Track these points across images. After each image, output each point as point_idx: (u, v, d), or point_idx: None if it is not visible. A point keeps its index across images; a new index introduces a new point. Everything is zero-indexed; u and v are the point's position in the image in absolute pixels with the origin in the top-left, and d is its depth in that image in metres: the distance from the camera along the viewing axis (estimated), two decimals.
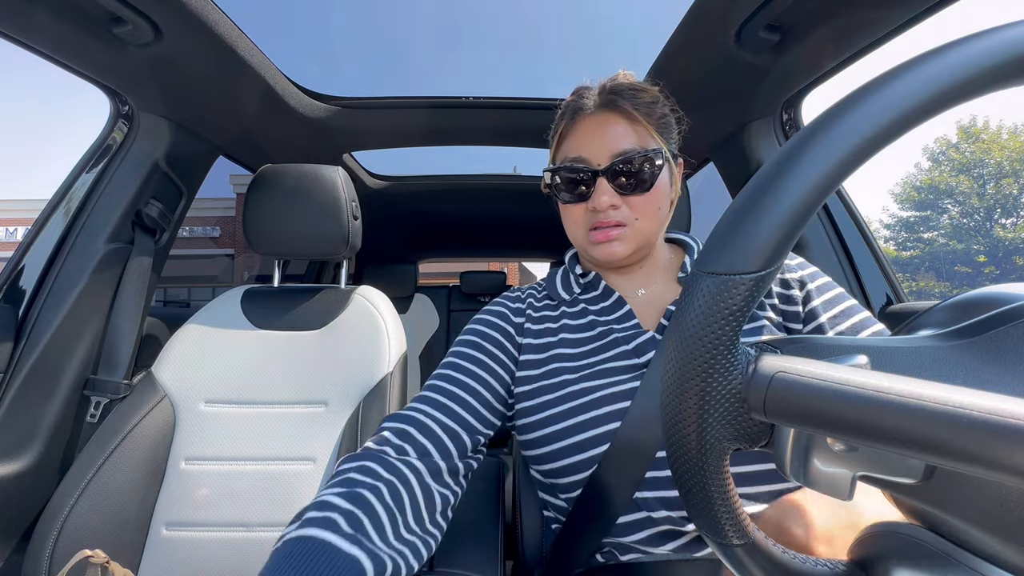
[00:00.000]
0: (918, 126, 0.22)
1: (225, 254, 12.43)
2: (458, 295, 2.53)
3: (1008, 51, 0.21)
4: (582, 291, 0.69)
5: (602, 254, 0.62)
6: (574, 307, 0.67)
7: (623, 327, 0.62)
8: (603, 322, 0.63)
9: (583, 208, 0.62)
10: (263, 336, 0.97)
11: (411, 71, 28.98)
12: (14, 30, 0.77)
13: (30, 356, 0.86)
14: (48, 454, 0.87)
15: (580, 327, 0.64)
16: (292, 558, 0.41)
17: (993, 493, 0.21)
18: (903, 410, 0.19)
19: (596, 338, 0.62)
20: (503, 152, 1.61)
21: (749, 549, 0.26)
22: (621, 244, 0.61)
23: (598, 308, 0.65)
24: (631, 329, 0.61)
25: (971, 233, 19.51)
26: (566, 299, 0.68)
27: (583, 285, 0.69)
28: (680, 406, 0.25)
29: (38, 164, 73.96)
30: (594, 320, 0.64)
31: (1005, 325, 0.24)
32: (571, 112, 0.63)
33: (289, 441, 0.89)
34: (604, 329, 0.63)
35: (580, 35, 31.40)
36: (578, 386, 0.58)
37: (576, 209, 0.63)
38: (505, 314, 0.68)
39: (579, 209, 0.62)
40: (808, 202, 0.23)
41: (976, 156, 19.47)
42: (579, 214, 0.62)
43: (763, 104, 1.07)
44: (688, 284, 0.25)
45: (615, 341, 0.61)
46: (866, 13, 0.78)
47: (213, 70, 0.95)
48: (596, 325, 0.64)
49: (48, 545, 0.74)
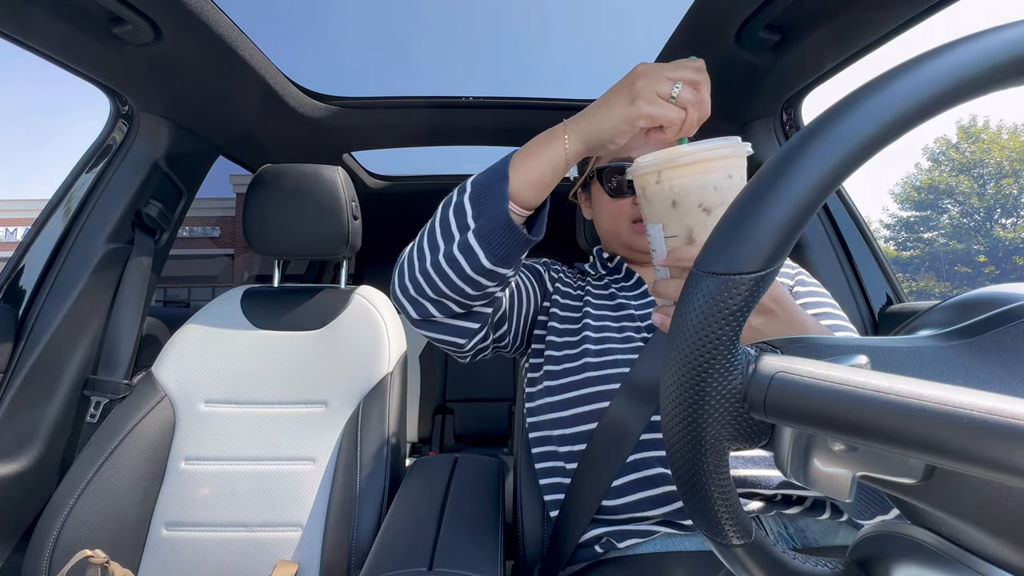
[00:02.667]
0: (918, 126, 0.22)
1: (225, 254, 12.43)
2: None
3: (1008, 51, 0.21)
4: (608, 273, 0.79)
5: (644, 242, 0.68)
6: (600, 281, 0.77)
7: (639, 303, 0.70)
8: (623, 296, 0.73)
9: (629, 202, 0.70)
10: (263, 336, 0.97)
11: (411, 71, 29.06)
12: (14, 30, 0.77)
13: (30, 356, 0.86)
14: (48, 454, 0.87)
15: (603, 296, 0.74)
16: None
17: (993, 493, 0.21)
18: (903, 410, 0.19)
19: (615, 308, 0.71)
20: (503, 152, 1.61)
21: (749, 549, 0.26)
22: None
23: (619, 286, 0.75)
24: (648, 307, 0.70)
25: (971, 233, 19.52)
26: (592, 274, 0.79)
27: (609, 269, 0.79)
28: (680, 406, 0.25)
29: (38, 164, 74.04)
30: (614, 293, 0.74)
31: (1005, 325, 0.24)
32: None
33: (289, 441, 0.89)
34: (623, 302, 0.71)
35: (580, 35, 31.69)
36: (600, 346, 0.66)
37: (622, 203, 0.71)
38: (541, 266, 0.79)
39: (625, 203, 0.70)
40: (808, 202, 0.23)
41: (976, 156, 19.47)
42: (624, 207, 0.71)
43: (763, 104, 1.07)
44: (688, 284, 0.25)
45: (630, 315, 0.69)
46: (866, 13, 0.78)
47: (213, 70, 0.95)
48: (616, 297, 0.73)
49: (48, 545, 0.74)
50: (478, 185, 0.55)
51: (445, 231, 0.55)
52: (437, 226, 0.56)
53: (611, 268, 0.78)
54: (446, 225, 0.55)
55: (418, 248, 0.57)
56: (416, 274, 0.56)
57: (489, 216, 0.52)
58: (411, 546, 0.59)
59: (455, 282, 0.54)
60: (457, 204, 0.55)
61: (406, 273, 0.57)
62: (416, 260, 0.56)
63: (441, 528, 0.63)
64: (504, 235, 0.52)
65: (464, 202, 0.55)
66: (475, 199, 0.54)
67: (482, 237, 0.52)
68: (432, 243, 0.56)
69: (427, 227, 0.58)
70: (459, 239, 0.53)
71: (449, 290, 0.55)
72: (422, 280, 0.56)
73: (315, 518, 0.84)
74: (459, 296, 0.56)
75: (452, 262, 0.53)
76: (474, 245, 0.52)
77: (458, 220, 0.54)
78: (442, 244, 0.55)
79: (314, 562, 0.81)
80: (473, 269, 0.53)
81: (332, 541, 0.80)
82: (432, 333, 0.61)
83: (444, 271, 0.54)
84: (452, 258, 0.53)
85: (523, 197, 0.53)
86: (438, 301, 0.57)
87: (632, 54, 1.22)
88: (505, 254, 0.53)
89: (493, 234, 0.52)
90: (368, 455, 0.84)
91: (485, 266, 0.53)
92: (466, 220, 0.54)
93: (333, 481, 0.85)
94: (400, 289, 0.58)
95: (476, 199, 0.54)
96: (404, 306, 0.59)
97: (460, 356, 0.66)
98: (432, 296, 0.56)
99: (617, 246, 0.76)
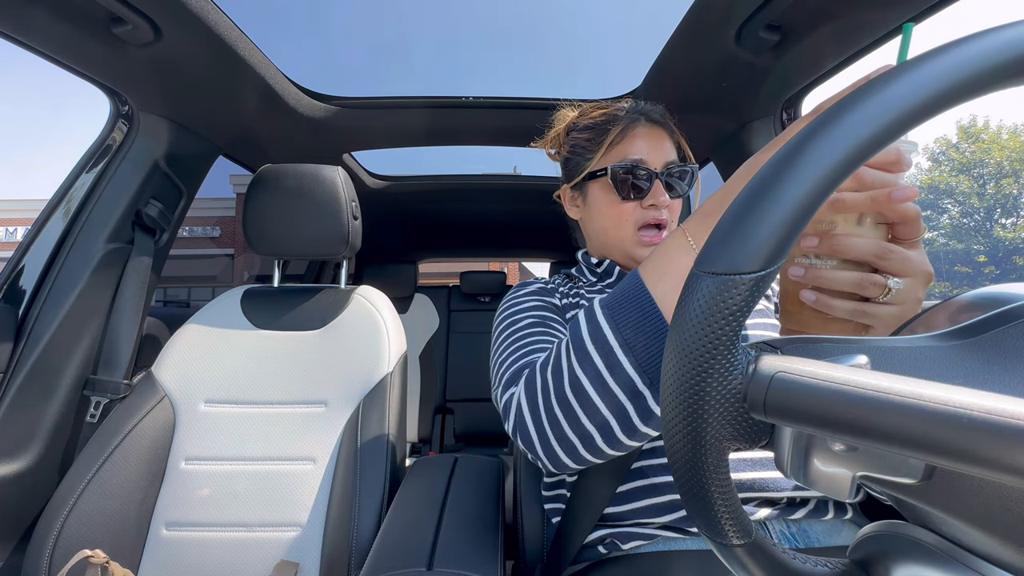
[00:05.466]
0: (918, 126, 0.22)
1: (225, 254, 12.43)
2: (458, 295, 2.53)
3: (1008, 51, 0.21)
4: (599, 279, 0.76)
5: (646, 252, 0.69)
6: (593, 288, 0.75)
7: None
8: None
9: (635, 205, 0.69)
10: (263, 336, 0.97)
11: (411, 71, 29.04)
12: (14, 30, 0.77)
13: (30, 356, 0.86)
14: (48, 454, 0.87)
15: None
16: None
17: (993, 493, 0.21)
18: (903, 410, 0.19)
19: None
20: (503, 152, 1.61)
21: (749, 549, 0.26)
22: None
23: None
24: None
25: (971, 233, 19.51)
26: (584, 281, 0.77)
27: (599, 274, 0.76)
28: (680, 406, 0.25)
29: (37, 164, 73.97)
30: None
31: (1005, 325, 0.24)
32: (626, 121, 0.70)
33: (289, 441, 0.89)
34: None
35: (580, 35, 31.74)
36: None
37: (628, 206, 0.69)
38: (544, 291, 0.74)
39: (631, 206, 0.69)
40: (808, 202, 0.23)
41: (976, 156, 19.47)
42: (630, 211, 0.69)
43: (763, 104, 1.08)
44: (688, 284, 0.25)
45: None
46: (866, 13, 0.78)
47: (213, 70, 0.95)
48: None
49: (48, 545, 0.74)
50: (639, 351, 0.43)
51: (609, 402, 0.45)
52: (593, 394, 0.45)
53: (601, 273, 0.76)
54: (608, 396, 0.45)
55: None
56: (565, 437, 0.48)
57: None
58: (411, 546, 0.59)
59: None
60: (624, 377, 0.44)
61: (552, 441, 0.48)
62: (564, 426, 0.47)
63: (441, 528, 0.63)
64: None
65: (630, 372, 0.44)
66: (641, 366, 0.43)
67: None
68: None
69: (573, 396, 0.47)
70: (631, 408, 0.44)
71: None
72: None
73: (315, 518, 0.84)
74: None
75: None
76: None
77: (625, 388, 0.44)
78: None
79: (314, 562, 0.81)
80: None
81: (332, 541, 0.80)
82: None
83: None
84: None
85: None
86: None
87: (633, 54, 1.23)
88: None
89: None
90: (368, 455, 0.84)
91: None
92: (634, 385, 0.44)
93: (333, 481, 0.85)
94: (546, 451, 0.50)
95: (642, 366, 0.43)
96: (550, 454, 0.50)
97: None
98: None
99: (616, 252, 0.73)
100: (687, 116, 0.68)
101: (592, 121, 0.73)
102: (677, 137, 0.73)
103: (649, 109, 0.72)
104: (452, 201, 1.98)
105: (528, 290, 0.74)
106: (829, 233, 0.38)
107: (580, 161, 0.74)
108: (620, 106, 0.73)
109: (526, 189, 1.86)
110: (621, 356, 0.43)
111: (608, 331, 0.45)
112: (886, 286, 0.36)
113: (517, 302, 0.71)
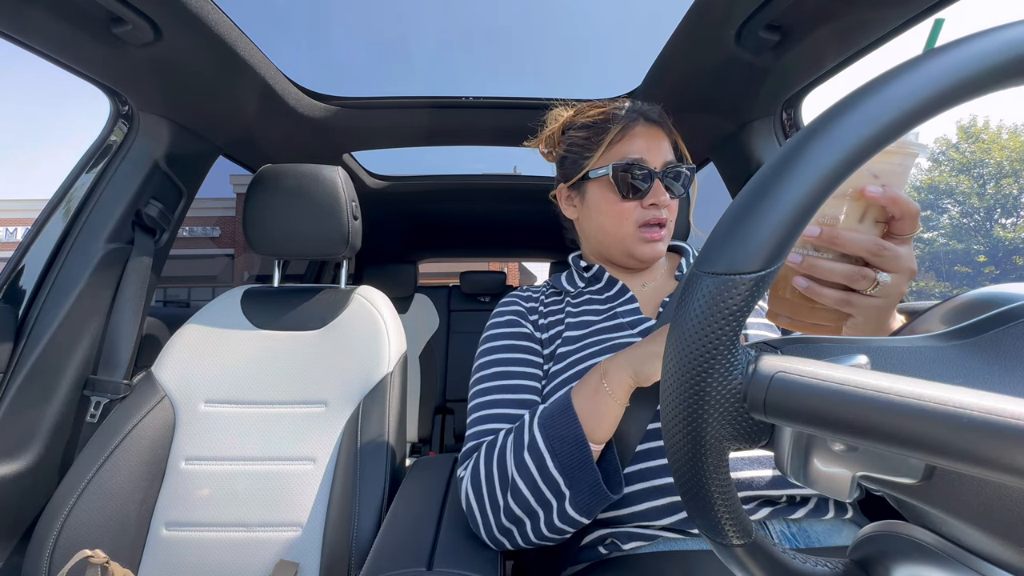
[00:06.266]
0: (918, 126, 0.22)
1: (225, 254, 12.43)
2: (458, 295, 2.53)
3: (1008, 51, 0.21)
4: (587, 284, 0.76)
5: (649, 251, 0.70)
6: (579, 298, 0.75)
7: (626, 310, 0.69)
8: (607, 308, 0.71)
9: (635, 204, 0.69)
10: (263, 336, 0.97)
11: (411, 71, 29.05)
12: (14, 30, 0.77)
13: (30, 356, 0.86)
14: (48, 454, 0.87)
15: (586, 312, 0.72)
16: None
17: (993, 493, 0.21)
18: (903, 410, 0.19)
19: (601, 320, 0.69)
20: (503, 152, 1.61)
21: (749, 549, 0.26)
22: (663, 244, 0.71)
23: (603, 297, 0.73)
24: (633, 314, 0.69)
25: (971, 233, 19.50)
26: (571, 291, 0.76)
27: (587, 279, 0.76)
28: (680, 405, 0.25)
29: (37, 165, 73.98)
30: (599, 308, 0.72)
31: (1005, 325, 0.24)
32: (625, 121, 0.70)
33: (289, 441, 0.89)
34: (609, 313, 0.70)
35: (580, 35, 31.65)
36: (585, 364, 0.64)
37: (628, 205, 0.69)
38: (523, 312, 0.75)
39: (631, 205, 0.69)
40: (808, 202, 0.23)
41: (976, 156, 19.46)
42: (630, 210, 0.69)
43: (763, 104, 1.07)
44: (688, 284, 0.25)
45: (619, 325, 0.68)
46: (866, 13, 0.78)
47: (213, 70, 0.94)
48: (601, 312, 0.71)
49: (48, 545, 0.74)
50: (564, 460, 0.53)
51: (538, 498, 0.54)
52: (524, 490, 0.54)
53: (589, 279, 0.76)
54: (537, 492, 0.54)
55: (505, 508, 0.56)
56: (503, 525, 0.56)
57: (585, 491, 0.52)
58: (411, 546, 0.59)
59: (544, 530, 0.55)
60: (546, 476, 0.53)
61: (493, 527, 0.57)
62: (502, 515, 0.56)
63: (441, 528, 0.63)
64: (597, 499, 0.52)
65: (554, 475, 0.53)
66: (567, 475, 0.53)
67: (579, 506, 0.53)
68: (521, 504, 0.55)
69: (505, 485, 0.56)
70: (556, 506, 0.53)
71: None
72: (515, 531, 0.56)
73: (315, 518, 0.84)
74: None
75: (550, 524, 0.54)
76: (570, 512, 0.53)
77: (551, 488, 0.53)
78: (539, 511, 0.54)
79: (314, 562, 0.81)
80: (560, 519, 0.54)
81: (332, 541, 0.80)
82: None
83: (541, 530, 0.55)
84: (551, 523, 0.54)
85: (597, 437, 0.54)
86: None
87: (633, 54, 1.23)
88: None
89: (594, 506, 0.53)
90: (368, 455, 0.84)
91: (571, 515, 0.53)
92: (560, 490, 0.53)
93: (333, 481, 0.85)
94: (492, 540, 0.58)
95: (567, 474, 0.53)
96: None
97: None
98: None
99: (615, 250, 0.73)
100: (687, 116, 0.68)
101: (590, 120, 0.72)
102: (674, 137, 0.73)
103: (647, 109, 0.72)
104: (452, 201, 1.98)
105: (506, 317, 0.75)
106: (831, 227, 0.39)
107: (578, 160, 0.73)
108: (618, 105, 0.73)
109: (526, 189, 1.86)
110: (549, 461, 0.53)
111: (540, 440, 0.54)
112: (875, 280, 0.38)
113: (493, 336, 0.73)
